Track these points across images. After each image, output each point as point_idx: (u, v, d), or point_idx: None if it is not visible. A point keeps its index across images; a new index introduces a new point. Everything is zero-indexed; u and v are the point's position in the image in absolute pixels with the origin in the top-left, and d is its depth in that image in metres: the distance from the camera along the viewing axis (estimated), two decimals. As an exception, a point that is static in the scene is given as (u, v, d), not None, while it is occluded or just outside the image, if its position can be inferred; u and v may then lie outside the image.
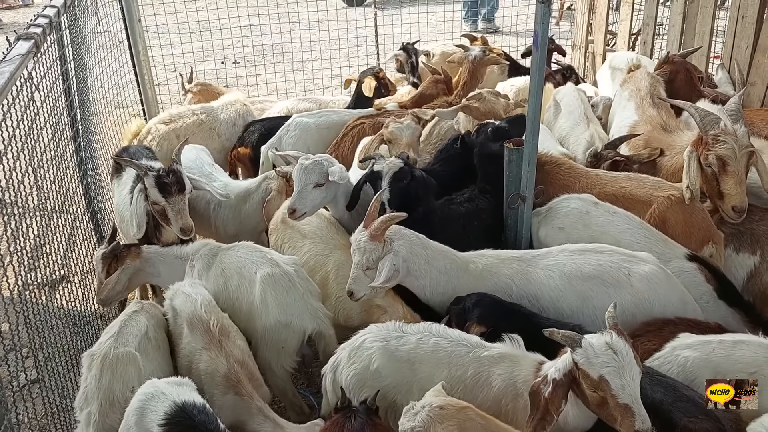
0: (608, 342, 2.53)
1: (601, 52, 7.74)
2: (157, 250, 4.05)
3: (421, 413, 2.60)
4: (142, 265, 3.97)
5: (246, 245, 3.94)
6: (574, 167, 4.42)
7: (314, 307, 3.64)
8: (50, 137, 4.13)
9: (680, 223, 3.88)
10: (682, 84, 5.49)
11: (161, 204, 4.07)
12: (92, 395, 3.07)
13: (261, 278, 3.62)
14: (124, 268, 3.91)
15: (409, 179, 4.09)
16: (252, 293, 3.64)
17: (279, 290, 3.58)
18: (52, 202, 4.01)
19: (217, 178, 4.98)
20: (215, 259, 3.89)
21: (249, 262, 3.74)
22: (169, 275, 3.95)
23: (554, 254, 3.61)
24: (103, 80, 6.29)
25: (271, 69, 8.82)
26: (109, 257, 3.95)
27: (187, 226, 4.08)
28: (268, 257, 3.75)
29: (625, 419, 2.45)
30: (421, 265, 3.54)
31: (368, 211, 3.58)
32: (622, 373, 2.47)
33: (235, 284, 3.74)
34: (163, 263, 3.99)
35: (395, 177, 4.07)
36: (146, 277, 4.10)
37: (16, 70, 2.97)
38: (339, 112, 6.02)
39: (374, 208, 3.59)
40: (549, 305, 3.48)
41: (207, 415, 2.73)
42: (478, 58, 6.07)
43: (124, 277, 3.92)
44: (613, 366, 2.48)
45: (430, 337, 3.04)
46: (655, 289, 3.39)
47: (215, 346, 3.30)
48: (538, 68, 3.69)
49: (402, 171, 4.10)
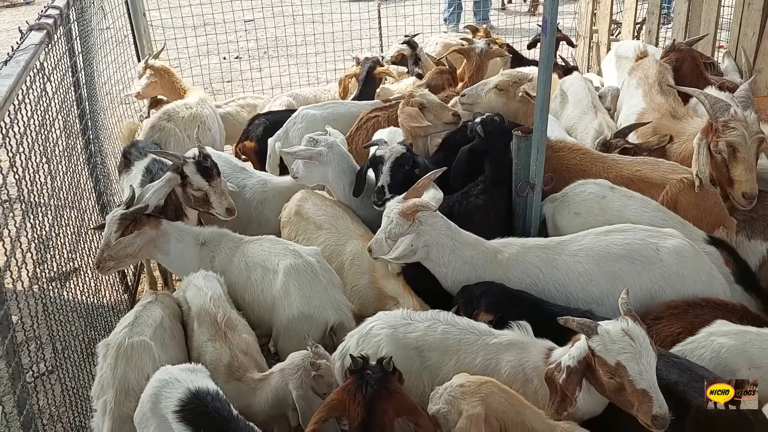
0: (624, 328, 2.54)
1: (606, 42, 7.74)
2: (177, 225, 4.01)
3: (444, 395, 2.62)
4: (158, 236, 3.88)
5: (269, 238, 3.96)
6: (589, 152, 4.44)
7: (337, 300, 3.65)
8: (61, 129, 4.13)
9: (692, 207, 3.89)
10: (689, 72, 5.48)
11: (204, 189, 4.10)
12: (108, 384, 3.09)
13: (284, 269, 3.63)
14: (140, 233, 3.81)
15: (410, 165, 4.12)
16: (275, 285, 3.66)
17: (302, 281, 3.60)
18: (64, 195, 4.01)
19: (253, 174, 4.97)
20: (237, 252, 3.89)
21: (272, 254, 3.75)
22: (178, 256, 3.93)
23: (579, 239, 3.61)
24: (109, 75, 6.30)
25: (273, 63, 8.81)
26: (129, 219, 3.81)
27: (231, 206, 4.16)
28: (291, 249, 3.77)
29: (643, 404, 2.46)
30: (445, 254, 3.54)
31: (414, 185, 3.60)
32: (639, 358, 2.49)
33: (258, 276, 3.75)
34: (178, 242, 3.93)
35: (397, 162, 4.11)
36: (154, 253, 3.97)
37: (30, 59, 2.98)
38: (345, 103, 6.02)
39: (422, 185, 3.62)
40: (578, 290, 3.49)
41: (220, 402, 2.75)
42: (484, 51, 6.07)
43: (139, 242, 3.80)
44: (630, 352, 2.49)
45: (438, 324, 3.06)
46: (684, 263, 3.41)
47: (220, 337, 3.34)
48: (546, 55, 3.68)
49: (404, 157, 4.14)
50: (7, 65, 2.94)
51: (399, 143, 4.29)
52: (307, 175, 4.41)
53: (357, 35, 9.02)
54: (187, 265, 3.91)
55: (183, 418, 2.67)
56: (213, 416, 2.67)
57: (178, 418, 2.67)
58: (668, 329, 3.17)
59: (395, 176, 4.08)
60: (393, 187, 4.03)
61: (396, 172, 4.09)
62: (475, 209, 4.09)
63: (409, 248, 3.45)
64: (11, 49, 3.21)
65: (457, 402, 2.57)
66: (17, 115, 2.98)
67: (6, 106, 2.66)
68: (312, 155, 4.31)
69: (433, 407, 2.63)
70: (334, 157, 4.32)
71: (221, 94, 8.56)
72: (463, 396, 2.59)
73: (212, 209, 4.15)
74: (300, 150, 4.36)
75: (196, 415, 2.67)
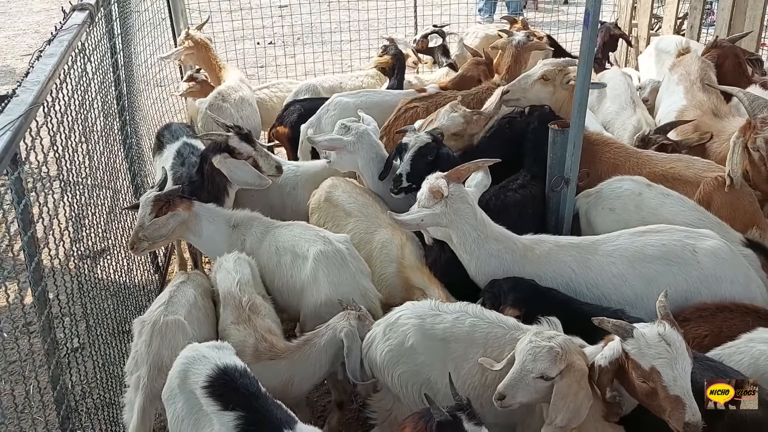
0: (661, 333, 2.49)
1: (645, 37, 7.60)
2: (209, 207, 4.04)
3: (558, 338, 2.66)
4: (190, 218, 3.91)
5: (300, 224, 3.98)
6: (623, 147, 4.37)
7: (365, 288, 3.65)
8: (99, 110, 4.18)
9: (725, 206, 3.83)
10: (730, 69, 5.36)
11: (252, 154, 4.26)
12: (142, 360, 3.15)
13: (314, 255, 3.64)
14: (174, 214, 3.84)
15: (433, 156, 4.07)
16: (304, 270, 3.67)
17: (331, 268, 3.60)
18: (100, 175, 4.06)
19: (284, 162, 4.99)
20: (268, 236, 3.92)
21: (303, 240, 3.76)
22: (209, 238, 3.97)
23: (613, 239, 3.55)
24: (145, 57, 6.35)
25: (307, 50, 8.81)
26: (162, 201, 3.86)
27: (279, 164, 4.37)
28: (321, 235, 3.78)
29: (675, 411, 2.41)
30: (468, 242, 3.52)
31: (459, 166, 3.60)
32: (675, 364, 2.44)
33: (288, 262, 3.76)
34: (210, 223, 3.97)
35: (419, 152, 4.07)
36: (186, 234, 4.01)
37: (73, 39, 3.01)
38: (379, 92, 5.99)
39: (467, 168, 3.62)
40: (611, 291, 3.44)
41: (248, 378, 2.77)
42: (522, 43, 5.96)
43: (173, 222, 3.84)
44: (665, 357, 2.45)
45: (466, 317, 3.03)
46: (722, 265, 3.35)
47: (243, 320, 3.37)
48: (587, 48, 3.62)
49: (427, 147, 4.10)
50: (51, 44, 2.97)
51: (427, 132, 4.24)
52: (338, 161, 4.42)
53: (392, 23, 8.97)
54: (219, 246, 3.95)
55: (212, 394, 2.68)
56: (242, 392, 2.68)
57: (207, 393, 2.69)
58: (695, 331, 3.12)
59: (416, 165, 4.04)
60: (411, 176, 4.01)
61: (417, 161, 4.05)
62: (513, 204, 4.04)
63: (419, 220, 3.46)
64: (54, 28, 3.24)
65: (572, 354, 2.61)
66: (59, 95, 3.01)
67: (50, 86, 2.69)
68: (336, 146, 4.32)
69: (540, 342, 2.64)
70: (363, 146, 4.30)
71: (254, 79, 8.58)
72: (578, 354, 2.63)
73: (263, 172, 4.27)
74: (325, 140, 4.37)
75: (225, 390, 2.69)
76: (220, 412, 2.62)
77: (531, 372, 2.60)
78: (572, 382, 2.55)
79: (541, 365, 2.58)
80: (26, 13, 13.86)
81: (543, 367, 2.58)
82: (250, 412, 2.58)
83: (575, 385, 2.55)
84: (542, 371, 2.58)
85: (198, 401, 2.70)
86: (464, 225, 3.49)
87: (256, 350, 3.25)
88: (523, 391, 2.63)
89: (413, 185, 3.96)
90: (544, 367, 2.58)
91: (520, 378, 2.62)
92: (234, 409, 2.60)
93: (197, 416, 2.70)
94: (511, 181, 4.20)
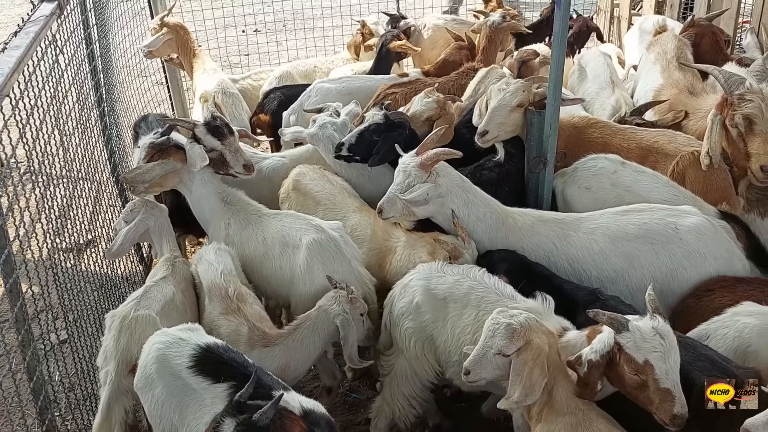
0: (655, 326, 2.51)
1: (627, 17, 7.58)
2: (207, 170, 3.94)
3: (520, 316, 2.68)
4: (184, 171, 3.87)
5: (289, 213, 3.95)
6: (608, 124, 4.43)
7: (360, 273, 3.67)
8: (74, 102, 4.16)
9: (698, 180, 3.88)
10: (708, 48, 5.38)
11: (218, 149, 3.98)
12: (110, 355, 3.11)
13: (307, 245, 3.62)
14: (165, 162, 3.80)
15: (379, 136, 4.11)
16: (296, 260, 3.66)
17: (326, 256, 3.60)
18: (78, 168, 4.05)
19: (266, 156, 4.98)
20: (254, 224, 3.87)
21: (293, 230, 3.73)
22: (198, 199, 3.94)
23: (596, 217, 3.63)
24: (125, 47, 6.31)
25: (291, 36, 8.75)
26: (158, 147, 3.84)
27: (248, 162, 4.08)
28: (313, 224, 3.74)
29: (664, 403, 2.45)
30: (459, 206, 3.61)
31: (424, 141, 3.65)
32: (667, 357, 2.47)
33: (277, 253, 3.74)
34: (202, 186, 3.91)
35: (368, 128, 4.18)
36: (180, 186, 3.94)
37: (41, 31, 2.98)
38: (361, 77, 5.97)
39: (431, 140, 3.66)
40: (591, 268, 3.51)
41: (234, 353, 2.80)
42: (497, 23, 5.94)
43: (159, 170, 3.77)
44: (659, 351, 2.47)
45: (465, 280, 3.22)
46: (704, 240, 3.41)
47: (233, 311, 3.37)
48: (560, 29, 3.64)
49: (377, 126, 4.16)
50: (16, 36, 2.95)
51: (379, 112, 4.29)
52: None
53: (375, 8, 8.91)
54: (204, 212, 3.97)
55: (201, 371, 2.69)
56: (231, 364, 2.70)
57: (195, 372, 2.70)
58: (719, 301, 3.18)
59: (361, 139, 4.13)
60: (354, 148, 4.13)
61: (364, 136, 4.14)
62: (488, 182, 4.05)
63: (424, 196, 3.53)
64: (21, 20, 3.22)
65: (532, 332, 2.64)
66: (27, 87, 2.99)
67: (14, 78, 2.67)
68: (299, 138, 4.49)
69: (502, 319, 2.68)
70: (324, 137, 4.32)
71: (239, 68, 8.54)
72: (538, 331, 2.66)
73: (230, 169, 4.06)
74: (289, 132, 4.53)
75: (214, 365, 2.71)
76: (210, 387, 2.65)
77: (491, 348, 2.66)
78: (528, 359, 2.59)
79: (499, 341, 2.64)
80: (8, 6, 13.72)
81: (501, 344, 2.64)
82: (242, 380, 2.57)
83: (531, 362, 2.59)
84: (500, 348, 2.64)
85: (181, 383, 2.71)
86: (455, 188, 3.63)
87: (250, 339, 3.26)
88: (486, 368, 2.69)
89: (355, 156, 4.12)
90: (502, 344, 2.64)
91: (482, 354, 2.68)
92: (225, 380, 2.64)
93: (180, 397, 2.71)
94: (486, 160, 4.22)
